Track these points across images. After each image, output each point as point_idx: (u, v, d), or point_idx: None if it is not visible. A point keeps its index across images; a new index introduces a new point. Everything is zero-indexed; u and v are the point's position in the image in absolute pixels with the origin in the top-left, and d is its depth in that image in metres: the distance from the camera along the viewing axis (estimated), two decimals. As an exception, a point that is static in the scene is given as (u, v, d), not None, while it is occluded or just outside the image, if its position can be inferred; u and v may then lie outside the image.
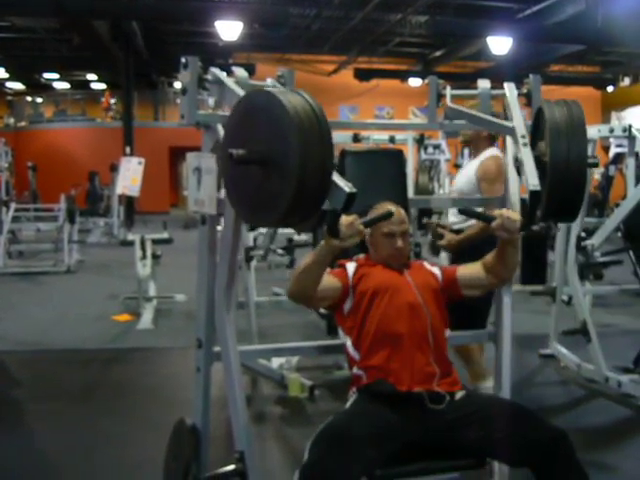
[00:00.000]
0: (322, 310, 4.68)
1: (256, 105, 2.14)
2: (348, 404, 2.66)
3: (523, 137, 2.69)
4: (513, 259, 2.82)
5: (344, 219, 2.36)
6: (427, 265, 3.00)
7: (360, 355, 2.71)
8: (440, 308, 2.83)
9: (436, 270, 2.95)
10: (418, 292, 2.77)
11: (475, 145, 4.45)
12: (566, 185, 2.51)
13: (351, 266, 2.86)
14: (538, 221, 2.66)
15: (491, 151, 4.33)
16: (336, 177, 2.07)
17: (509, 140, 3.10)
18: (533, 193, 2.45)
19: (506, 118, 3.02)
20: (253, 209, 2.20)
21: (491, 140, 4.40)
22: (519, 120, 2.81)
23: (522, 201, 2.82)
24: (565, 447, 2.39)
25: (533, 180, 2.46)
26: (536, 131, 2.77)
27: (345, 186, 2.05)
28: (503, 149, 3.37)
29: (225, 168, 2.26)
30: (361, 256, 2.95)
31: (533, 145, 2.68)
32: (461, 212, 2.99)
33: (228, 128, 2.30)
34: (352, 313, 2.78)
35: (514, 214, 2.65)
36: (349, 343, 2.78)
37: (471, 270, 2.91)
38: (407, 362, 2.62)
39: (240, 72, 2.92)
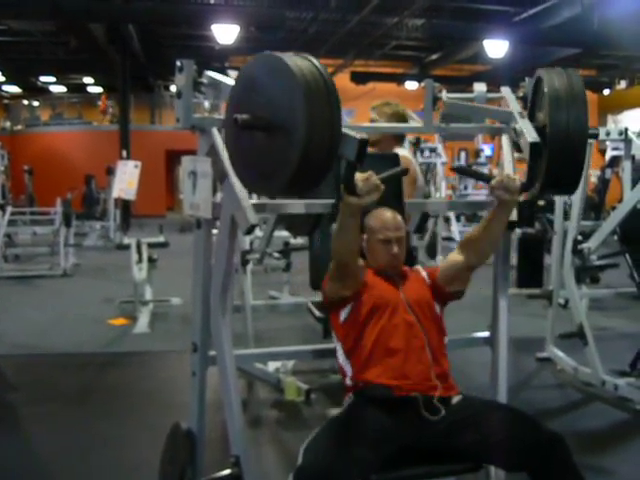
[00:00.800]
0: (318, 313, 4.69)
1: (261, 69, 2.11)
2: (343, 408, 2.65)
3: (520, 113, 2.68)
4: (500, 230, 2.75)
5: (359, 175, 2.32)
6: (420, 272, 2.97)
7: (353, 369, 2.69)
8: (436, 320, 2.81)
9: (424, 274, 2.93)
10: (412, 311, 2.73)
11: (381, 147, 4.43)
12: (566, 156, 2.47)
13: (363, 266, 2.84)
14: (537, 192, 2.60)
15: (401, 151, 4.34)
16: (345, 129, 2.04)
17: (505, 142, 3.09)
18: (533, 145, 2.42)
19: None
20: (259, 176, 2.16)
21: (398, 141, 4.42)
22: (515, 105, 2.81)
23: (518, 204, 2.80)
24: (562, 451, 2.39)
25: (532, 134, 2.43)
26: (534, 101, 2.73)
27: (356, 134, 2.02)
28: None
29: (229, 137, 2.22)
30: (361, 262, 2.94)
31: (532, 116, 2.66)
32: (457, 170, 2.98)
33: (232, 95, 2.26)
34: (348, 323, 2.75)
35: (514, 175, 2.61)
36: (340, 352, 2.76)
37: (447, 263, 2.90)
38: (405, 376, 2.59)
39: (235, 75, 2.91)
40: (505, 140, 3.10)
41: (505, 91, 3.07)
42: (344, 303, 2.77)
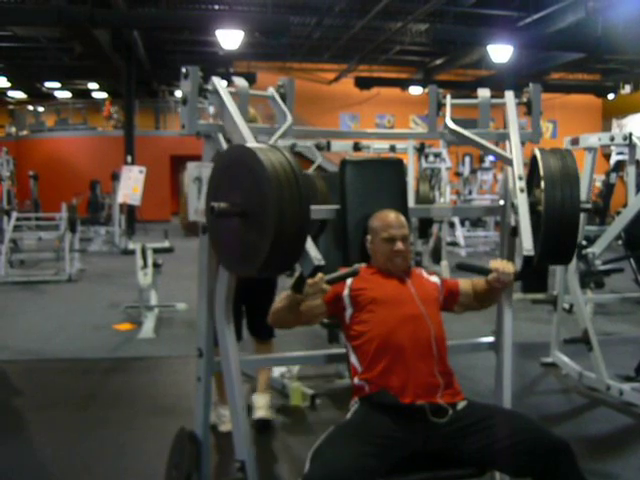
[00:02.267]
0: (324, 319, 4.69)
1: (237, 160, 2.22)
2: (349, 414, 2.65)
3: (520, 179, 2.77)
4: (499, 298, 3.00)
5: (310, 280, 2.40)
6: (425, 274, 3.00)
7: (362, 366, 2.71)
8: (440, 318, 2.84)
9: (436, 280, 2.96)
10: (420, 302, 2.77)
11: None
12: (560, 232, 2.64)
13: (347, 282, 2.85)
14: (533, 266, 2.73)
15: None
16: (308, 245, 2.16)
17: (508, 147, 3.10)
18: (526, 258, 2.58)
19: (506, 127, 3.03)
20: (235, 259, 2.28)
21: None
22: (518, 154, 2.87)
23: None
24: (567, 457, 2.39)
25: (527, 245, 2.58)
26: (532, 177, 2.85)
27: (314, 258, 2.15)
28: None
29: (208, 220, 2.35)
30: (363, 265, 2.95)
31: (529, 191, 2.77)
32: (459, 267, 3.08)
33: (211, 181, 2.36)
34: (353, 322, 2.78)
35: (508, 267, 2.76)
36: (351, 351, 2.78)
37: (467, 288, 2.98)
38: (410, 374, 2.61)
39: (241, 82, 2.93)
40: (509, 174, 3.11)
41: (508, 96, 3.08)
42: (337, 313, 2.82)
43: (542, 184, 2.65)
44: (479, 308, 3.01)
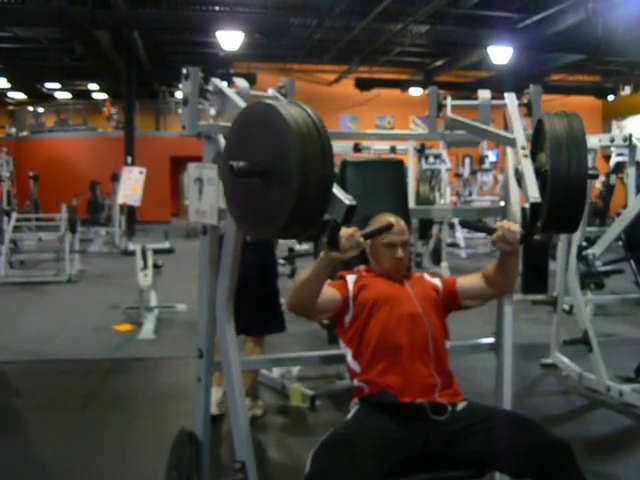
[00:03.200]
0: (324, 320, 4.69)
1: (256, 117, 2.13)
2: (350, 415, 2.66)
3: (523, 148, 2.70)
4: (514, 270, 2.85)
5: (344, 231, 2.35)
6: (427, 277, 3.01)
7: (361, 367, 2.71)
8: (441, 319, 2.84)
9: (437, 281, 2.97)
10: (418, 302, 2.78)
11: None
12: (566, 197, 2.51)
13: (351, 278, 2.86)
14: (538, 232, 2.66)
15: None
16: (336, 189, 2.07)
17: (509, 151, 3.11)
18: (533, 205, 2.46)
19: (506, 128, 3.02)
20: (253, 221, 2.19)
21: None
22: (519, 130, 2.82)
23: (523, 210, 2.82)
24: (568, 458, 2.39)
25: (533, 192, 2.47)
26: (536, 143, 2.76)
27: (345, 199, 2.05)
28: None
29: (226, 180, 2.26)
30: (362, 267, 2.96)
31: (533, 157, 2.68)
32: (462, 224, 3.01)
33: (229, 140, 2.29)
34: (353, 325, 2.78)
35: (514, 226, 2.66)
36: (349, 355, 2.78)
37: (471, 281, 2.92)
38: (408, 374, 2.61)
39: (241, 82, 2.93)
40: (509, 148, 3.11)
41: (509, 97, 3.08)
42: (341, 314, 2.81)
43: (547, 146, 2.54)
44: (496, 292, 2.92)
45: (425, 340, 2.69)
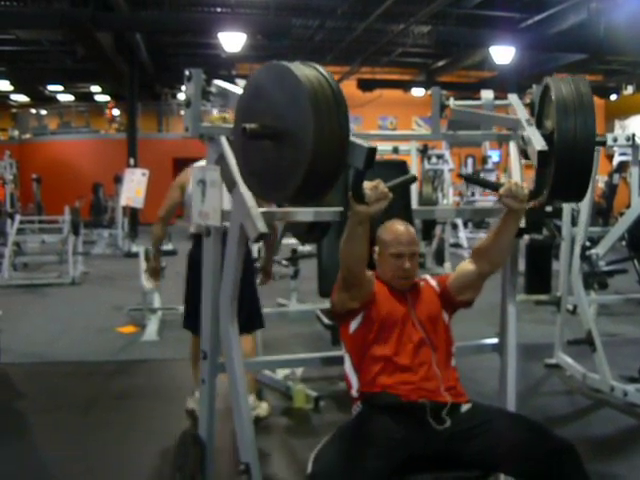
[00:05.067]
0: (327, 321, 4.69)
1: (268, 79, 2.12)
2: (352, 416, 2.65)
3: (528, 121, 2.67)
4: (509, 238, 2.75)
5: (368, 183, 2.31)
6: (430, 281, 2.96)
7: (360, 381, 2.70)
8: (445, 332, 2.81)
9: (434, 284, 2.93)
10: (421, 328, 2.74)
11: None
12: (573, 163, 2.46)
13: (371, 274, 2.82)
14: (545, 199, 2.60)
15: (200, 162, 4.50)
16: (353, 138, 2.04)
17: (512, 148, 3.10)
18: (541, 153, 2.41)
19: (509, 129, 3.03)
20: (268, 184, 2.16)
21: None
22: (523, 113, 2.80)
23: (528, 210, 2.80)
24: (572, 459, 2.38)
25: (540, 142, 2.42)
26: (542, 109, 2.73)
27: (364, 142, 2.02)
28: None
29: (238, 144, 2.22)
30: (370, 273, 2.94)
31: (539, 124, 2.65)
32: (465, 178, 2.97)
33: (240, 104, 2.27)
34: (357, 334, 2.76)
35: (522, 183, 2.61)
36: (348, 363, 2.77)
37: (458, 271, 2.89)
38: (415, 390, 2.60)
39: (243, 84, 2.92)
40: (513, 147, 3.11)
41: (512, 98, 3.07)
42: (353, 315, 2.77)
43: (554, 112, 2.50)
44: (488, 268, 2.78)
45: (429, 364, 2.67)
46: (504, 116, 2.99)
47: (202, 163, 4.56)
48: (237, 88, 2.66)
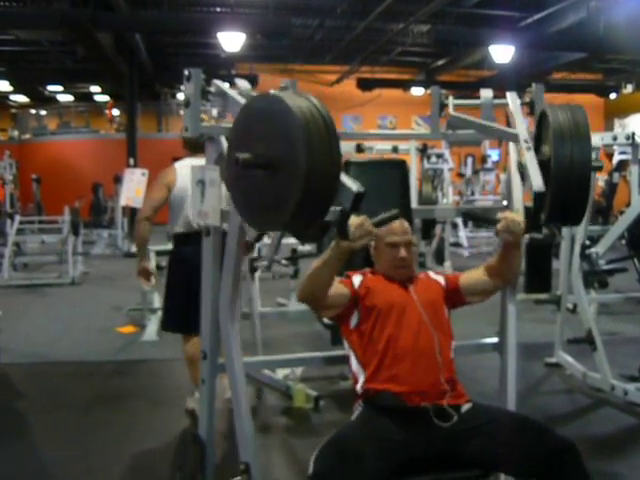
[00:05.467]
0: (326, 320, 4.68)
1: (261, 109, 2.12)
2: (353, 416, 2.65)
3: (526, 142, 2.69)
4: (517, 261, 2.84)
5: (353, 219, 2.34)
6: (432, 275, 2.99)
7: (365, 374, 2.70)
8: (445, 321, 2.83)
9: (440, 278, 2.95)
10: (423, 310, 2.76)
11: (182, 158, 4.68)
12: (570, 189, 2.50)
13: (357, 278, 2.85)
14: (542, 224, 2.65)
15: (183, 161, 4.63)
16: (344, 177, 2.06)
17: (512, 149, 3.10)
18: (538, 194, 2.45)
19: (509, 127, 3.02)
20: (259, 214, 2.17)
21: (190, 151, 4.58)
22: (522, 126, 2.81)
23: (526, 209, 2.81)
24: (573, 458, 2.38)
25: (538, 181, 2.46)
26: (539, 135, 2.76)
27: (353, 186, 2.04)
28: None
29: (231, 173, 2.23)
30: (367, 269, 2.95)
31: (536, 149, 2.68)
32: (465, 215, 2.99)
33: (233, 133, 2.27)
34: (358, 329, 2.77)
35: (518, 216, 2.66)
36: (354, 359, 2.77)
37: (474, 276, 2.92)
38: (415, 382, 2.60)
39: (243, 83, 2.93)
40: (512, 146, 3.10)
41: (511, 97, 3.07)
42: (347, 314, 2.80)
43: (551, 138, 2.54)
44: (500, 283, 2.90)
45: (432, 348, 2.68)
46: (503, 129, 3.00)
47: (186, 162, 4.61)
48: (235, 94, 2.66)
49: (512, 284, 2.94)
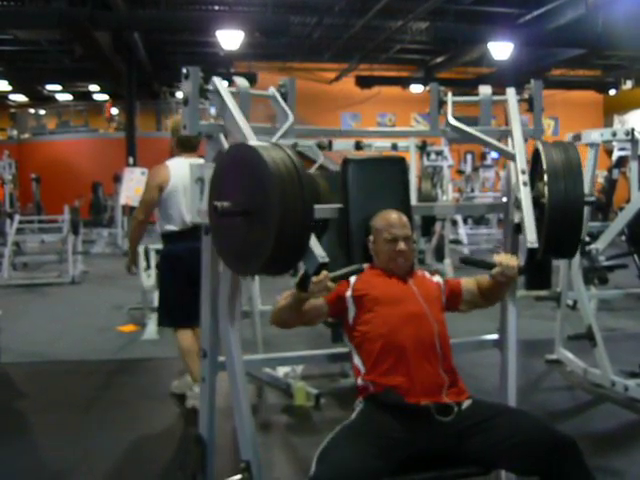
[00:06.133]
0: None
1: (240, 158, 2.22)
2: (354, 414, 2.64)
3: (523, 172, 2.76)
4: (505, 293, 2.94)
5: (314, 277, 2.38)
6: (428, 275, 3.00)
7: (366, 367, 2.70)
8: (444, 317, 2.83)
9: (438, 280, 2.96)
10: (423, 300, 2.77)
11: (171, 156, 4.77)
12: (564, 226, 2.63)
13: (352, 278, 2.85)
14: (537, 259, 2.71)
15: (174, 160, 4.67)
16: (313, 243, 2.16)
17: (510, 145, 3.09)
18: (530, 251, 2.56)
19: (507, 124, 3.02)
20: (237, 258, 2.29)
21: (181, 149, 4.68)
22: (521, 153, 2.84)
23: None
24: (574, 455, 2.37)
25: (531, 237, 2.56)
26: (534, 171, 2.85)
27: (319, 256, 2.15)
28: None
29: (211, 220, 2.35)
30: (366, 265, 2.95)
31: (532, 184, 2.76)
32: (463, 261, 3.05)
33: (213, 180, 2.37)
34: (356, 323, 2.77)
35: (512, 261, 2.72)
36: (354, 353, 2.77)
37: (472, 286, 2.96)
38: (415, 373, 2.60)
39: (241, 82, 2.92)
40: (511, 143, 3.10)
41: (509, 93, 3.07)
42: (339, 313, 2.82)
43: (545, 177, 2.63)
44: (485, 305, 2.98)
45: (431, 339, 2.68)
46: (501, 146, 3.02)
47: (176, 161, 4.63)
48: (232, 100, 2.67)
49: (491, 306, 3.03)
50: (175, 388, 4.98)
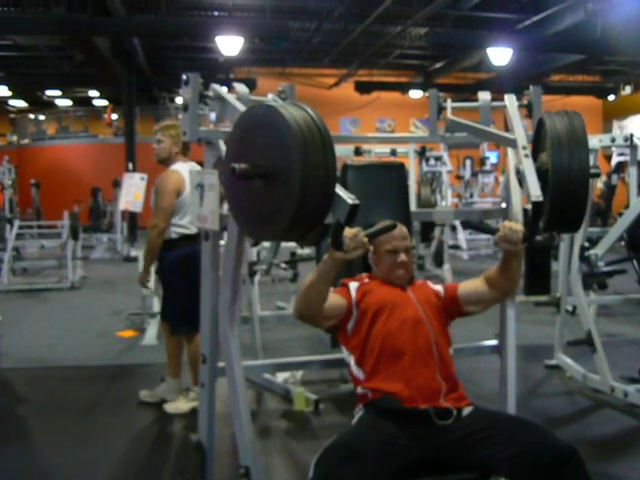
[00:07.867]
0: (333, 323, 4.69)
1: (258, 119, 2.13)
2: (354, 421, 2.64)
3: (524, 148, 2.70)
4: (516, 272, 2.82)
5: (348, 231, 2.34)
6: (430, 284, 3.00)
7: (364, 374, 2.69)
8: (443, 325, 2.83)
9: (439, 288, 2.95)
10: (421, 307, 2.77)
11: (169, 162, 4.69)
12: (568, 196, 2.51)
13: (354, 284, 2.85)
14: (541, 232, 2.66)
15: (177, 165, 4.62)
16: (339, 189, 2.07)
17: (510, 152, 3.11)
18: (535, 204, 2.46)
19: (507, 129, 3.02)
20: (256, 223, 2.18)
21: (182, 154, 4.68)
22: (520, 131, 2.81)
23: (524, 211, 2.82)
24: (575, 463, 2.35)
25: (535, 191, 2.47)
26: (537, 142, 2.76)
27: (348, 198, 2.05)
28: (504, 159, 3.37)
29: (228, 183, 2.25)
30: (364, 275, 2.95)
31: (534, 156, 2.68)
32: (464, 225, 3.00)
33: (230, 143, 2.28)
34: (355, 331, 2.77)
35: (516, 225, 2.66)
36: (352, 362, 2.76)
37: (472, 286, 2.91)
38: (413, 379, 2.60)
39: (241, 87, 2.93)
40: (510, 151, 3.11)
41: (509, 99, 3.07)
42: (344, 322, 2.80)
43: (548, 145, 2.55)
44: (501, 296, 2.90)
45: (428, 344, 2.68)
46: (501, 134, 3.00)
47: (178, 165, 4.63)
48: (236, 102, 2.66)
49: (512, 296, 2.95)
50: (149, 397, 4.96)
